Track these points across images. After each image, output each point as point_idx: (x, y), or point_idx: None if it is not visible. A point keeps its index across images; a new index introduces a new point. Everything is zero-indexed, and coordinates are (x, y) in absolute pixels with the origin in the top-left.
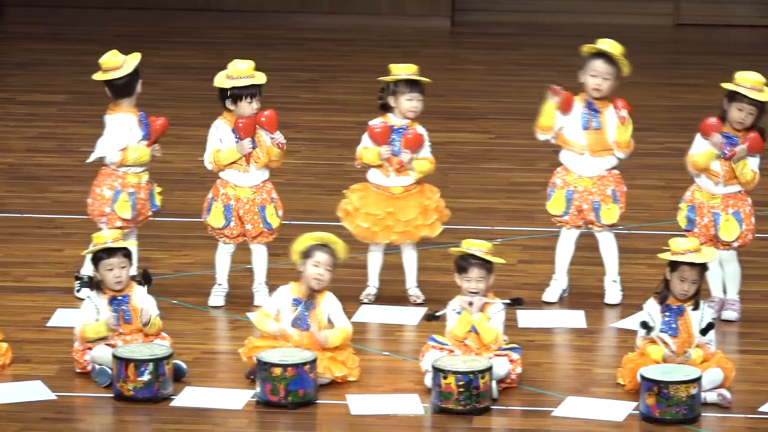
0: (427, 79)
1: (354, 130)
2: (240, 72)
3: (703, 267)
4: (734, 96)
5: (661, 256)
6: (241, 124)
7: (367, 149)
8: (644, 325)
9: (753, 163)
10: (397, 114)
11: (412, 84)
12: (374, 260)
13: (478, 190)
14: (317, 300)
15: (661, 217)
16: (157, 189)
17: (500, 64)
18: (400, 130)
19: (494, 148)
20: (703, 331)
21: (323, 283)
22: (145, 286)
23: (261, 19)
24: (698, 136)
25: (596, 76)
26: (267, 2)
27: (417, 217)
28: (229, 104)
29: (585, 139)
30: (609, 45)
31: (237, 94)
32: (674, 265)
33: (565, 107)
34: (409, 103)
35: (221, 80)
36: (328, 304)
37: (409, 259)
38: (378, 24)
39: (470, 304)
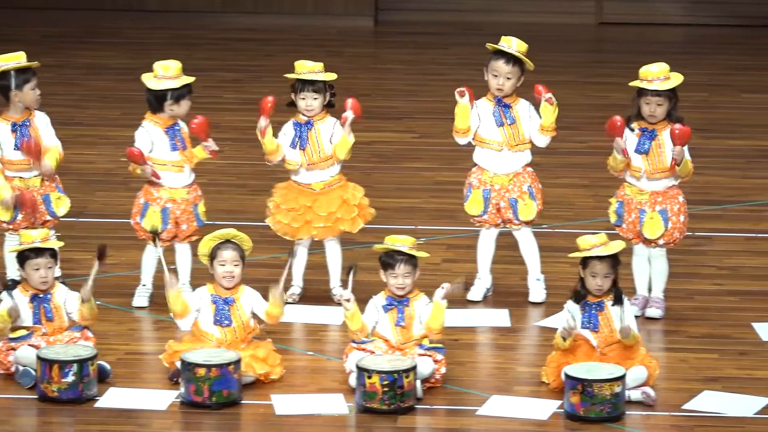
0: (330, 76)
1: (278, 131)
2: (166, 73)
3: (614, 260)
4: (641, 91)
5: (571, 255)
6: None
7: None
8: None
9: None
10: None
11: (306, 82)
12: (299, 259)
13: (402, 190)
14: (235, 296)
15: (584, 216)
16: (56, 195)
17: (424, 63)
18: (307, 126)
19: (418, 148)
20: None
21: (235, 279)
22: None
23: (185, 19)
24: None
25: (498, 76)
26: (191, 2)
27: (336, 211)
28: (155, 105)
29: (501, 136)
30: (512, 44)
31: (162, 96)
32: (585, 262)
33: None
34: (302, 102)
35: (149, 81)
36: (248, 298)
37: (333, 258)
38: (302, 24)
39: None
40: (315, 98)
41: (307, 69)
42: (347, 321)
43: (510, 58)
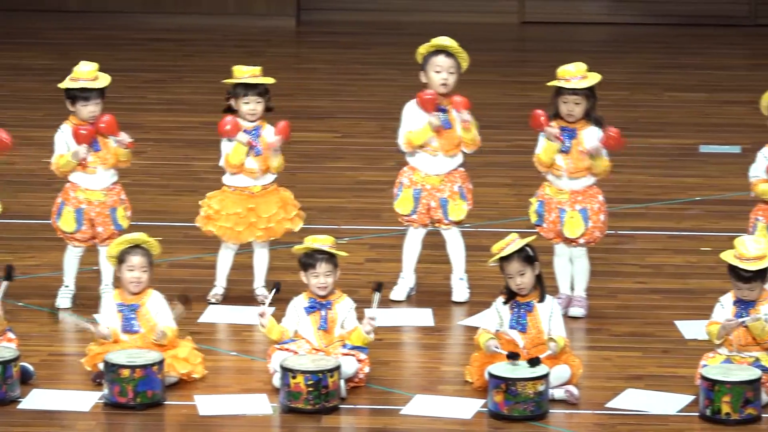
0: (269, 80)
1: (200, 130)
2: (80, 74)
3: (524, 257)
4: (558, 90)
5: (489, 263)
6: (83, 132)
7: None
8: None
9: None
10: (242, 116)
11: (249, 87)
12: (224, 260)
13: (326, 189)
14: (141, 301)
15: (508, 215)
16: None
17: (346, 63)
18: (254, 132)
19: (341, 147)
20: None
21: (142, 284)
22: (5, 282)
23: (106, 20)
24: (542, 135)
25: (441, 71)
26: (110, 3)
27: (278, 211)
28: (69, 106)
29: (437, 141)
30: (447, 40)
31: (74, 96)
32: (501, 264)
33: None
34: (246, 106)
35: (65, 81)
36: (154, 304)
37: (260, 259)
38: (224, 24)
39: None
40: (258, 102)
41: (249, 73)
42: (266, 335)
43: (450, 53)
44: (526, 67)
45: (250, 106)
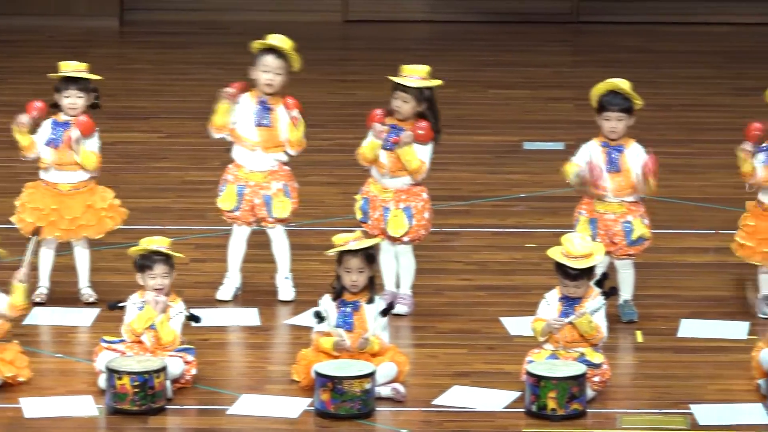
0: (92, 76)
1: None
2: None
3: (368, 256)
4: (395, 86)
5: (327, 252)
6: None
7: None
8: (317, 314)
9: (423, 153)
10: (63, 110)
11: (69, 81)
12: (45, 260)
13: (150, 189)
14: None
15: (333, 213)
16: None
17: (170, 63)
18: (64, 126)
19: (165, 147)
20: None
21: None
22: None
23: None
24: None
25: (268, 72)
26: None
27: (81, 216)
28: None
29: (257, 136)
30: (279, 40)
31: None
32: (339, 258)
33: (234, 96)
34: (66, 100)
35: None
36: None
37: (81, 259)
38: (47, 24)
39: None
40: (79, 96)
41: (73, 68)
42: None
43: (279, 53)
44: (349, 66)
45: (71, 99)
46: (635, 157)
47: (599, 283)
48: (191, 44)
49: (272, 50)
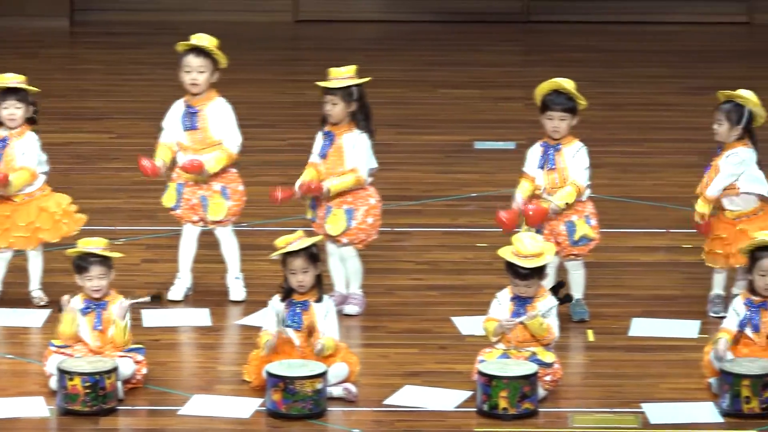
0: (32, 88)
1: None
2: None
3: (311, 256)
4: (323, 91)
5: (271, 256)
6: None
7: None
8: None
9: (360, 157)
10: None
11: (8, 92)
12: None
13: (100, 190)
14: None
15: (285, 213)
16: None
17: (121, 63)
18: (3, 141)
19: (116, 148)
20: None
21: None
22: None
23: None
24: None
25: (190, 71)
26: None
27: (36, 221)
28: None
29: (187, 140)
30: (199, 39)
31: None
32: (283, 260)
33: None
34: (5, 111)
35: None
36: None
37: (34, 262)
38: None
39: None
40: (18, 107)
41: (11, 79)
42: (65, 327)
43: (200, 51)
44: (300, 66)
45: (9, 111)
46: (571, 155)
47: (555, 291)
48: (142, 44)
49: (193, 49)
